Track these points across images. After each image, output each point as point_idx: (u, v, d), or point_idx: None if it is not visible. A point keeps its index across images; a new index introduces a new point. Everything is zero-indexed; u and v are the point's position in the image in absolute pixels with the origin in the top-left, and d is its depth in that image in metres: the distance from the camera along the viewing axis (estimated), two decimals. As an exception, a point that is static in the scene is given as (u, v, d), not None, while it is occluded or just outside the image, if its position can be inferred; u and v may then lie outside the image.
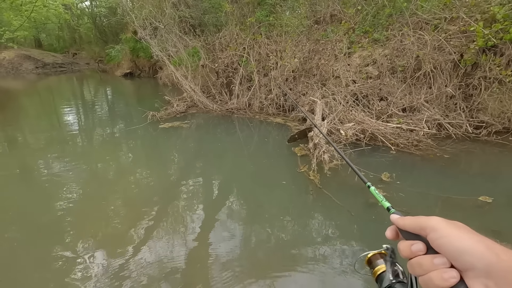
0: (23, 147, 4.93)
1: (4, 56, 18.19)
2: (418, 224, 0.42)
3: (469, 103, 4.85)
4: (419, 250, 0.41)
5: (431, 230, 0.39)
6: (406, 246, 0.42)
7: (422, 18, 5.26)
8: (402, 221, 0.45)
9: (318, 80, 6.08)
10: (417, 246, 0.41)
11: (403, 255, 0.43)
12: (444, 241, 0.38)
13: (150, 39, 8.00)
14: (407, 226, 0.44)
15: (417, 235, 0.42)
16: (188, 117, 6.50)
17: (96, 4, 22.45)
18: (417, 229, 0.42)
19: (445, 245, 0.38)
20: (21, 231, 2.61)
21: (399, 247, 0.44)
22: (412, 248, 0.41)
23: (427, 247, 0.40)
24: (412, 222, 0.43)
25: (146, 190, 3.41)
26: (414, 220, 0.43)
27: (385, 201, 0.55)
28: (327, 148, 3.67)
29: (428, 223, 0.40)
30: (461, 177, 3.61)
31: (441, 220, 0.40)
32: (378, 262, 0.56)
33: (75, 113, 7.76)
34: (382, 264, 0.55)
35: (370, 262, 0.58)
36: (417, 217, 0.43)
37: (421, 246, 0.41)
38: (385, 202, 0.54)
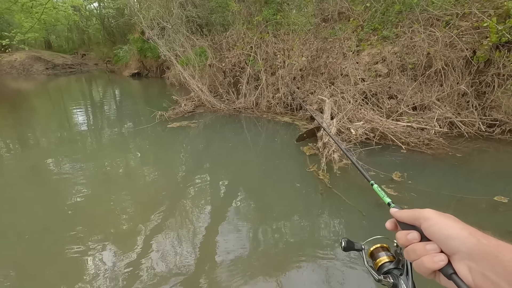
0: (34, 147, 5.02)
1: (16, 57, 18.54)
2: (412, 216, 0.48)
3: (482, 101, 4.74)
4: (414, 238, 0.47)
5: (424, 220, 0.45)
6: (402, 235, 0.48)
7: (433, 15, 5.16)
8: (399, 214, 0.51)
9: (326, 78, 6.03)
10: (412, 235, 0.47)
11: (400, 243, 0.49)
12: (435, 229, 0.44)
13: (158, 39, 8.05)
14: (404, 217, 0.50)
15: (413, 226, 0.48)
16: (195, 117, 6.52)
17: (104, 5, 22.69)
18: (411, 219, 0.48)
19: (435, 232, 0.43)
20: (32, 228, 2.65)
21: (397, 236, 0.50)
22: (408, 237, 0.47)
23: (421, 236, 0.46)
24: (408, 214, 0.49)
25: (154, 188, 3.43)
26: (409, 212, 0.49)
27: (386, 197, 0.61)
28: (337, 147, 3.63)
29: (421, 214, 0.46)
30: (474, 177, 3.53)
31: (432, 211, 0.46)
32: (380, 254, 0.61)
33: (84, 113, 7.86)
34: (384, 256, 0.60)
35: (373, 255, 0.62)
36: (413, 210, 0.49)
37: (415, 235, 0.47)
38: (386, 198, 0.61)
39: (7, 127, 6.20)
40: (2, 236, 2.55)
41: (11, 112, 7.72)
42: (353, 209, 2.81)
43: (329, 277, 2.05)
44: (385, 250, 0.62)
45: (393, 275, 0.56)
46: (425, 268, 0.44)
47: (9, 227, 2.65)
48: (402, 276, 0.54)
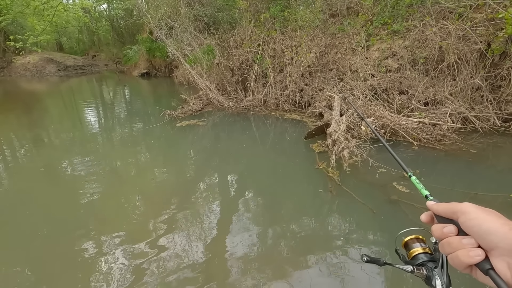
0: (48, 146, 5.14)
1: (29, 60, 19.01)
2: (450, 209, 0.46)
3: (497, 95, 4.60)
4: (450, 232, 0.45)
5: (462, 213, 0.44)
6: (438, 228, 0.47)
7: (445, 7, 5.02)
8: (436, 207, 0.49)
9: (335, 75, 5.96)
10: (449, 228, 0.45)
11: (435, 236, 0.48)
12: (473, 223, 0.42)
13: (166, 39, 8.11)
14: (441, 210, 0.48)
15: (450, 220, 0.46)
16: (204, 115, 6.55)
17: (113, 7, 23.01)
18: (449, 213, 0.46)
19: (473, 226, 0.42)
20: (46, 226, 2.71)
21: (433, 229, 0.48)
22: (444, 230, 0.46)
23: (458, 230, 0.45)
24: (445, 207, 0.47)
25: (165, 187, 3.47)
26: (447, 205, 0.47)
27: (424, 189, 0.59)
28: (346, 144, 3.59)
29: (459, 207, 0.44)
30: (489, 173, 3.43)
31: (472, 205, 0.44)
32: (414, 245, 0.60)
33: (95, 113, 8.01)
34: (418, 247, 0.60)
35: (407, 245, 0.62)
36: (451, 203, 0.47)
37: (452, 229, 0.45)
38: (424, 191, 0.59)
39: (22, 127, 6.37)
40: (18, 233, 2.62)
41: (25, 113, 7.93)
42: (363, 207, 2.78)
43: (340, 276, 2.03)
44: (421, 241, 0.61)
45: (427, 267, 0.55)
46: (460, 262, 0.43)
47: (24, 225, 2.73)
48: (437, 269, 0.54)
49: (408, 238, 0.62)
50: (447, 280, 0.52)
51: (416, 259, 0.58)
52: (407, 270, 0.56)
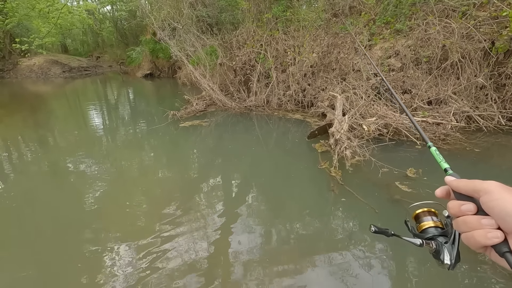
0: (53, 147, 5.20)
1: (35, 62, 19.22)
2: (472, 187, 0.43)
3: (501, 94, 4.56)
4: (469, 210, 0.43)
5: (485, 192, 0.41)
6: (456, 205, 0.45)
7: (448, 5, 4.99)
8: (456, 183, 0.47)
9: (338, 74, 5.95)
10: (467, 206, 0.43)
11: (451, 213, 0.46)
12: (496, 204, 0.40)
13: (169, 40, 8.16)
14: (462, 187, 0.45)
15: (470, 198, 0.44)
16: (207, 116, 6.58)
17: (117, 8, 23.18)
18: (470, 191, 0.44)
19: (496, 207, 0.40)
20: (52, 225, 2.75)
21: (449, 205, 0.46)
22: (462, 208, 0.44)
23: (477, 209, 0.43)
24: (466, 184, 0.45)
25: (169, 187, 3.50)
26: (469, 182, 0.45)
27: (444, 162, 0.57)
28: (349, 144, 3.59)
29: (483, 186, 0.42)
30: (494, 172, 3.41)
31: (496, 184, 0.41)
32: (425, 218, 0.59)
33: (100, 114, 8.07)
34: (430, 221, 0.58)
35: (418, 218, 0.60)
36: (473, 180, 0.44)
37: (471, 207, 0.43)
38: (444, 163, 0.57)
39: (28, 128, 6.45)
40: (23, 232, 2.66)
41: (31, 114, 8.03)
42: (365, 206, 2.78)
43: (343, 275, 2.04)
44: (433, 215, 0.59)
45: (437, 242, 0.54)
46: (476, 242, 0.41)
47: (29, 224, 2.77)
48: (447, 244, 0.52)
49: (420, 210, 0.61)
50: (456, 256, 0.51)
51: (426, 232, 0.57)
52: (416, 243, 0.54)
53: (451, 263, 0.51)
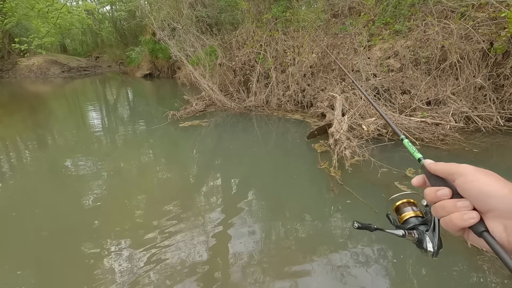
0: (52, 147, 5.20)
1: (34, 62, 19.19)
2: (448, 169, 0.45)
3: (500, 94, 4.58)
4: (444, 195, 0.44)
5: (459, 175, 0.43)
6: (432, 191, 0.46)
7: (447, 6, 5.01)
8: (434, 166, 0.48)
9: (337, 75, 5.97)
10: (443, 191, 0.45)
11: (428, 200, 0.47)
12: (470, 186, 0.41)
13: (169, 40, 8.17)
14: (439, 170, 0.46)
15: (445, 182, 0.46)
16: (207, 116, 6.58)
17: (116, 8, 23.17)
18: (446, 173, 0.45)
19: (471, 189, 0.41)
20: (51, 225, 2.75)
21: (425, 193, 0.47)
22: (438, 193, 0.45)
23: (452, 193, 0.44)
24: (443, 167, 0.46)
25: (168, 187, 3.50)
26: (445, 165, 0.46)
27: (417, 152, 0.57)
28: (348, 144, 3.60)
29: (458, 169, 0.43)
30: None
31: (470, 167, 0.43)
32: (406, 209, 0.59)
33: (99, 114, 8.07)
34: (410, 211, 0.59)
35: (398, 209, 0.61)
36: (449, 163, 0.46)
37: (446, 192, 0.44)
38: (417, 154, 0.57)
39: (27, 128, 6.45)
40: (22, 233, 2.66)
41: (30, 114, 8.02)
42: (365, 206, 2.79)
43: (343, 274, 2.04)
44: (412, 205, 0.60)
45: (418, 231, 0.54)
46: (454, 225, 0.42)
47: (28, 225, 2.77)
48: (429, 232, 0.53)
49: (399, 202, 0.61)
50: (438, 243, 0.52)
51: (407, 223, 0.58)
52: (398, 234, 0.55)
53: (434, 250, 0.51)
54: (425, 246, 0.52)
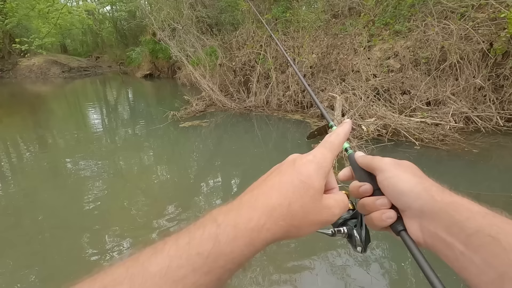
0: (53, 147, 5.21)
1: (34, 62, 19.21)
2: (370, 163, 0.43)
3: (499, 95, 4.59)
4: (366, 191, 0.42)
5: (380, 171, 0.41)
6: (355, 187, 0.44)
7: (447, 7, 5.02)
8: (361, 158, 0.46)
9: (337, 75, 5.97)
10: (364, 188, 0.43)
11: (353, 195, 0.45)
12: (389, 182, 0.40)
13: (169, 40, 8.18)
14: (363, 163, 0.45)
15: (368, 176, 0.44)
16: (207, 116, 6.59)
17: (116, 9, 23.20)
18: (370, 167, 0.43)
19: (388, 186, 0.40)
20: (52, 225, 2.76)
21: (350, 188, 0.45)
22: (360, 190, 0.43)
23: (373, 189, 0.42)
24: (367, 160, 0.44)
25: (168, 187, 3.51)
26: (370, 159, 0.44)
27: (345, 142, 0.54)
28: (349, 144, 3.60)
29: (379, 164, 0.42)
30: (492, 173, 3.43)
31: (390, 161, 0.41)
32: None
33: (99, 114, 8.09)
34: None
35: None
36: (374, 157, 0.44)
37: (368, 188, 0.42)
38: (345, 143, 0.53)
39: (27, 128, 6.46)
40: (23, 232, 2.67)
41: (31, 114, 8.03)
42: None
43: (342, 275, 2.05)
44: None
45: (348, 226, 0.51)
46: (374, 225, 0.41)
47: (29, 224, 2.78)
48: (357, 227, 0.50)
49: None
50: (366, 237, 0.49)
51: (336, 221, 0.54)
52: (328, 233, 0.51)
53: (362, 246, 0.49)
54: (354, 243, 0.50)
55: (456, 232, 0.33)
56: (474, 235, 0.32)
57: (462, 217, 0.33)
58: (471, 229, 0.32)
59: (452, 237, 0.34)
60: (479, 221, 0.33)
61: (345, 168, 0.50)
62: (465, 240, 0.32)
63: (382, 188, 0.41)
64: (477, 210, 0.34)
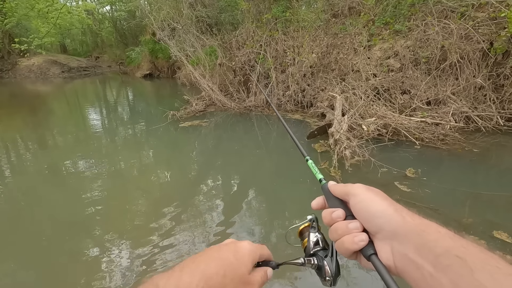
0: (52, 147, 5.20)
1: (34, 62, 19.19)
2: (344, 190, 0.45)
3: (500, 94, 4.58)
4: (338, 217, 0.43)
5: (352, 195, 0.42)
6: (328, 213, 0.45)
7: (447, 6, 5.01)
8: (334, 187, 0.48)
9: (337, 75, 5.97)
10: (337, 213, 0.44)
11: (325, 222, 0.46)
12: (361, 206, 0.41)
13: (169, 40, 8.17)
14: (336, 191, 0.46)
15: (341, 203, 0.45)
16: (207, 116, 6.58)
17: (116, 8, 23.18)
18: (342, 194, 0.45)
19: (361, 209, 0.41)
20: (51, 225, 2.75)
21: (322, 215, 0.46)
22: (333, 215, 0.44)
23: (346, 214, 0.43)
24: (340, 188, 0.46)
25: (168, 187, 3.50)
26: (342, 186, 0.46)
27: (319, 173, 0.57)
28: (348, 144, 3.60)
29: (351, 189, 0.43)
30: (492, 172, 3.43)
31: (362, 186, 0.43)
32: (305, 234, 0.54)
33: (99, 114, 8.07)
34: (311, 235, 0.53)
35: (301, 234, 0.56)
36: (346, 184, 0.46)
37: (340, 213, 0.43)
38: (319, 175, 0.56)
39: (27, 128, 6.45)
40: (22, 233, 2.66)
41: (30, 114, 8.02)
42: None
43: (342, 275, 2.04)
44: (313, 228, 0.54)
45: (318, 256, 0.49)
46: (345, 249, 0.41)
47: (29, 225, 2.77)
48: (327, 258, 0.48)
49: (303, 226, 0.56)
50: (336, 269, 0.47)
51: (307, 248, 0.53)
52: (298, 263, 0.50)
53: (332, 278, 0.47)
54: (324, 274, 0.48)
55: (425, 253, 0.34)
56: (442, 256, 0.32)
57: (431, 238, 0.34)
58: (440, 249, 0.33)
59: (421, 258, 0.34)
60: (448, 242, 0.33)
61: (318, 197, 0.51)
62: (434, 261, 0.33)
63: (355, 212, 0.42)
64: (445, 232, 0.35)
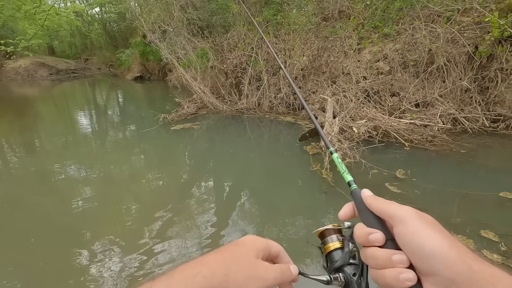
0: (40, 152, 5.09)
1: (20, 64, 18.75)
2: (386, 211, 0.38)
3: (485, 96, 4.71)
4: (377, 241, 0.37)
5: (400, 222, 0.35)
6: (364, 233, 0.38)
7: (434, 11, 5.14)
8: (371, 200, 0.40)
9: (328, 77, 6.03)
10: (375, 236, 0.37)
11: (359, 241, 0.39)
12: (412, 238, 0.34)
13: (159, 42, 8.11)
14: (375, 207, 0.39)
15: (380, 222, 0.38)
16: (198, 118, 6.55)
17: (106, 10, 22.90)
18: (384, 215, 0.38)
19: (411, 242, 0.34)
20: (39, 231, 2.69)
21: (355, 231, 0.40)
22: (370, 238, 0.37)
23: (386, 238, 0.37)
24: (382, 206, 0.38)
25: (159, 191, 3.47)
26: (385, 204, 0.38)
27: (347, 173, 0.48)
28: (339, 146, 3.64)
29: (398, 213, 0.36)
30: (479, 173, 3.51)
31: (411, 212, 0.36)
32: (332, 237, 0.47)
33: (88, 118, 7.94)
34: (336, 241, 0.46)
35: (324, 236, 0.48)
36: (390, 202, 0.38)
37: (379, 237, 0.37)
38: (347, 175, 0.47)
39: (14, 132, 6.29)
40: (10, 239, 2.59)
41: (17, 117, 7.82)
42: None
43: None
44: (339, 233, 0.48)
45: (345, 273, 0.43)
46: (385, 283, 0.35)
47: (16, 231, 2.70)
48: (356, 277, 0.43)
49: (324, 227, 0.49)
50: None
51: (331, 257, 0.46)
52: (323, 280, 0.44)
53: None
54: None
55: None
56: None
57: None
58: None
59: None
60: None
61: (346, 205, 0.44)
62: None
63: (401, 243, 0.35)
64: None
